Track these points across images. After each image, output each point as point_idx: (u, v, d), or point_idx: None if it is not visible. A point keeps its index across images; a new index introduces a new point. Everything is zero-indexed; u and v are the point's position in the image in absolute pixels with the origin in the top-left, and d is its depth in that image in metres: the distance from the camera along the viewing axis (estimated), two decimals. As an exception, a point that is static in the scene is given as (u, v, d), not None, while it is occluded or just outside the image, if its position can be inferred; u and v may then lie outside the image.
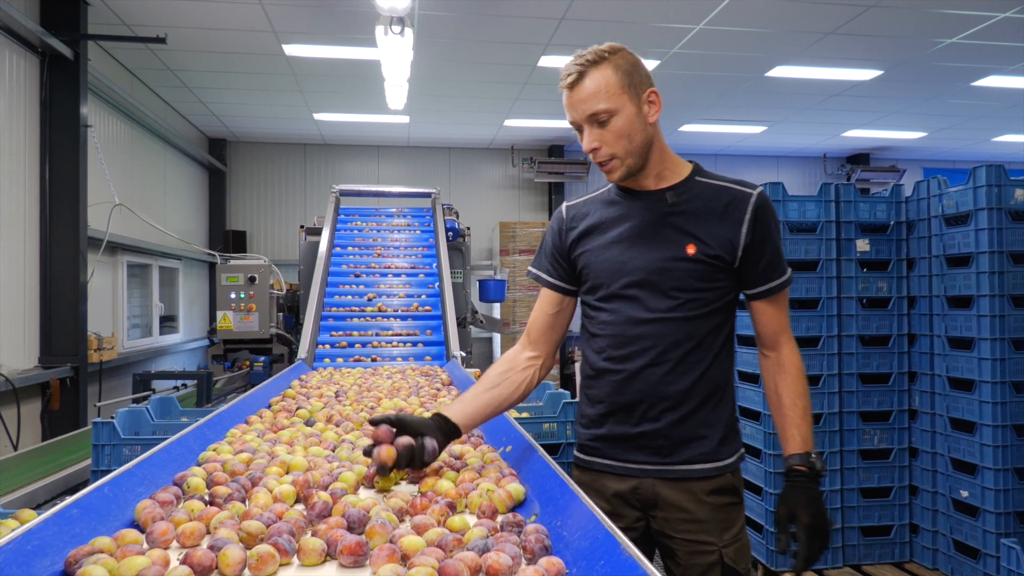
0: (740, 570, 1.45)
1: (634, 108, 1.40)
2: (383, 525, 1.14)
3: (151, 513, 1.20)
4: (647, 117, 1.42)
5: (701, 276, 1.44)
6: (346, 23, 5.30)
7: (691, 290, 1.44)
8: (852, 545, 3.12)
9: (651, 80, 1.44)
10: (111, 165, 5.67)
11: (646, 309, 1.46)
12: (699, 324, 1.45)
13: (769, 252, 1.45)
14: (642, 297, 1.46)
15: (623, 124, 1.39)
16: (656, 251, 1.45)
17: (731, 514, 1.48)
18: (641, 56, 1.47)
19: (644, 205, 1.49)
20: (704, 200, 1.46)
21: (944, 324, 3.00)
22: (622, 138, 1.40)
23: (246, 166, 9.38)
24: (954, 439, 2.95)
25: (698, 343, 1.46)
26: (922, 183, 3.13)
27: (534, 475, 1.48)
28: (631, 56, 1.42)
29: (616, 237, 1.50)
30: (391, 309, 4.29)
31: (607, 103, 1.38)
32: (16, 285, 4.42)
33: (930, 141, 9.54)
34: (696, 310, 1.45)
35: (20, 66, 4.46)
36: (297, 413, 2.17)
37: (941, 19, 5.33)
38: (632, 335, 1.48)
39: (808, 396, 1.48)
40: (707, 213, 1.45)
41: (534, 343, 1.61)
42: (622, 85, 1.38)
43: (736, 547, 1.46)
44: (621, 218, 1.50)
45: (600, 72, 1.38)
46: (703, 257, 1.43)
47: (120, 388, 5.80)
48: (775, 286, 1.47)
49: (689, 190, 1.47)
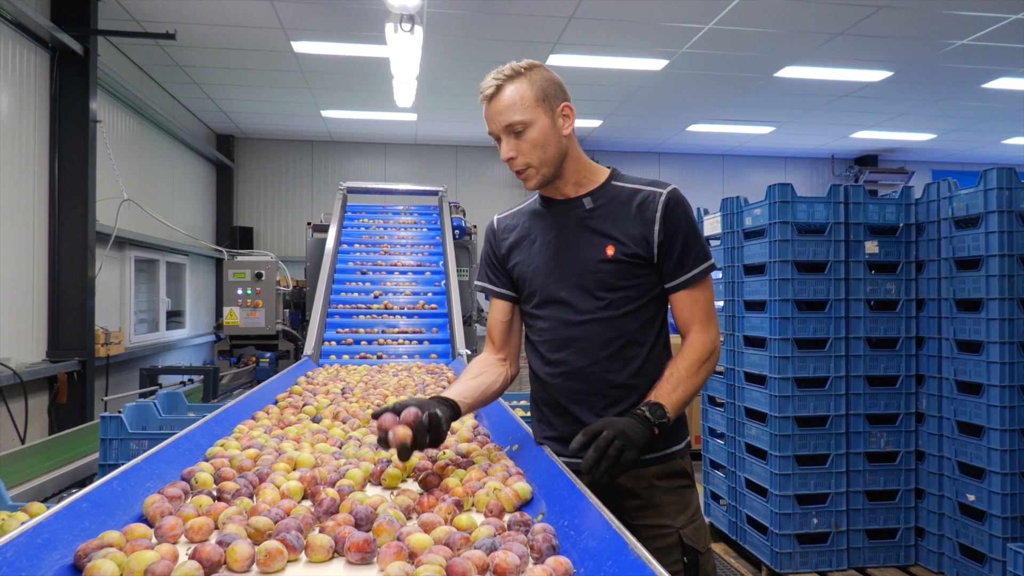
0: (699, 548, 1.51)
1: (548, 120, 1.48)
2: (390, 523, 1.14)
3: (159, 508, 1.21)
4: (561, 129, 1.50)
5: (622, 275, 1.51)
6: (355, 20, 5.30)
7: (615, 289, 1.51)
8: (857, 548, 3.11)
9: (567, 95, 1.52)
10: (119, 160, 5.69)
11: (576, 312, 1.54)
12: (628, 321, 1.52)
13: (679, 247, 1.50)
14: (572, 300, 1.54)
15: (537, 135, 1.48)
16: (579, 255, 1.53)
17: (685, 496, 1.55)
18: (649, 55, 1.50)
19: (565, 212, 1.57)
20: (619, 203, 1.53)
21: (953, 327, 2.98)
22: (536, 148, 1.48)
23: (254, 162, 9.40)
24: (961, 443, 2.94)
25: (630, 339, 1.53)
26: (932, 185, 3.11)
27: (540, 474, 1.48)
28: (547, 73, 1.51)
29: (543, 246, 1.58)
30: (397, 307, 4.29)
31: (522, 115, 1.46)
32: (25, 279, 4.44)
33: (939, 143, 9.49)
34: (622, 307, 1.52)
35: (30, 61, 4.48)
36: (304, 410, 2.17)
37: (952, 20, 5.30)
38: (566, 337, 1.55)
39: (693, 377, 1.46)
40: (622, 215, 1.52)
41: (498, 348, 1.69)
42: (536, 98, 1.47)
43: (693, 527, 1.52)
44: (546, 228, 1.59)
45: (516, 86, 1.47)
46: (622, 257, 1.50)
47: (127, 382, 5.83)
48: (685, 280, 1.51)
49: (605, 194, 1.55)
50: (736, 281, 3.43)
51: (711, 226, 3.67)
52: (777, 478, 3.06)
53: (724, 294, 3.53)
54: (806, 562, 3.07)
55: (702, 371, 1.49)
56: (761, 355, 3.19)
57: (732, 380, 3.48)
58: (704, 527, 1.56)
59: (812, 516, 3.07)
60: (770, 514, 3.10)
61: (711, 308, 1.55)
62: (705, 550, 1.53)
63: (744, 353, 3.35)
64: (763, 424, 3.18)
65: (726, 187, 10.50)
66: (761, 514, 3.19)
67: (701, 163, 10.47)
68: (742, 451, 3.38)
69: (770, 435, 3.10)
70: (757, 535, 3.24)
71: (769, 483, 3.11)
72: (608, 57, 6.12)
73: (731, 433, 3.49)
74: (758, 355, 3.22)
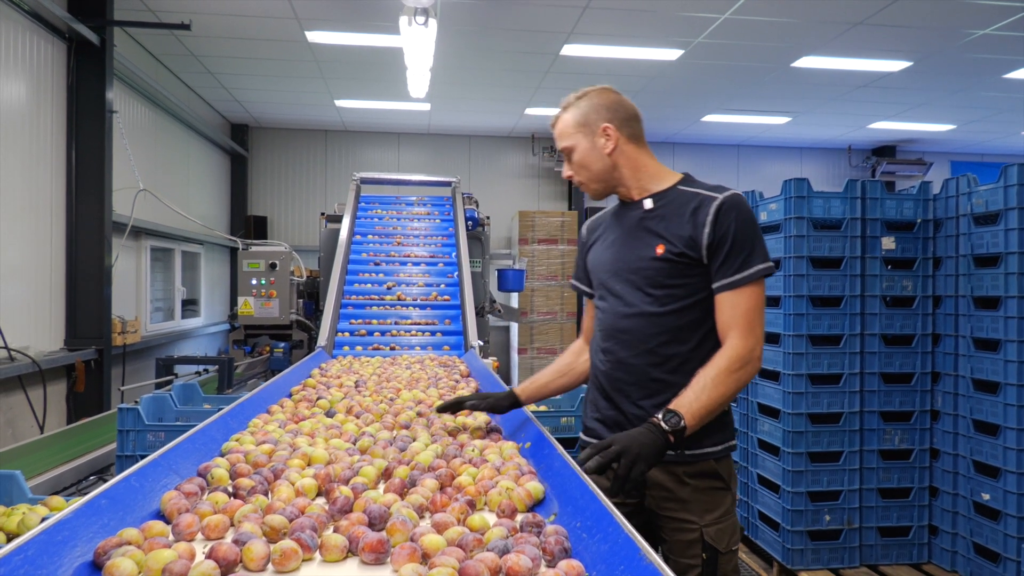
0: (720, 548, 1.55)
1: (587, 143, 1.66)
2: (404, 523, 1.15)
3: (176, 505, 1.22)
4: (602, 149, 1.65)
5: (670, 273, 1.58)
6: (369, 10, 5.29)
7: (662, 286, 1.59)
8: (870, 545, 3.10)
9: (611, 116, 1.65)
10: (135, 150, 5.73)
11: (626, 304, 1.64)
12: (672, 318, 1.59)
13: (727, 249, 1.53)
14: (623, 293, 1.65)
15: (580, 157, 1.67)
16: (632, 251, 1.65)
17: (715, 497, 1.58)
18: (664, 46, 1.51)
19: (628, 213, 1.70)
20: (677, 205, 1.61)
21: (970, 325, 2.95)
22: (581, 168, 1.68)
23: (267, 152, 9.43)
24: (977, 441, 2.91)
25: (673, 336, 1.59)
26: (951, 181, 3.07)
27: (553, 473, 1.48)
28: (596, 98, 1.66)
29: (609, 244, 1.73)
30: (410, 298, 4.30)
31: (567, 141, 1.68)
32: (43, 269, 4.49)
33: (958, 134, 9.36)
34: (668, 305, 1.59)
35: (47, 52, 4.51)
36: (318, 403, 2.19)
37: (973, 10, 5.21)
38: (616, 328, 1.66)
39: (720, 387, 1.48)
40: (677, 217, 1.60)
41: (590, 339, 1.83)
42: (576, 125, 1.66)
43: (718, 528, 1.56)
44: (614, 227, 1.74)
45: (565, 116, 1.69)
46: (670, 255, 1.58)
47: (143, 371, 5.89)
48: (727, 282, 1.54)
49: (666, 197, 1.65)
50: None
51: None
52: (790, 474, 3.05)
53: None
54: (818, 559, 3.07)
55: (731, 380, 1.49)
56: (775, 351, 3.17)
57: (745, 375, 3.47)
58: (732, 529, 1.59)
59: (825, 513, 3.06)
60: (782, 510, 3.10)
61: (753, 316, 1.53)
62: (727, 551, 1.56)
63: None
64: (776, 420, 3.17)
65: (741, 178, 10.42)
66: (773, 510, 3.19)
67: (716, 154, 10.38)
68: (755, 447, 3.37)
69: (783, 431, 3.09)
70: (769, 531, 3.23)
71: (782, 479, 3.10)
72: (623, 47, 6.07)
73: (744, 429, 3.48)
74: (772, 351, 3.20)
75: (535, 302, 8.72)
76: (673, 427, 1.41)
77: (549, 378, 1.86)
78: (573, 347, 1.90)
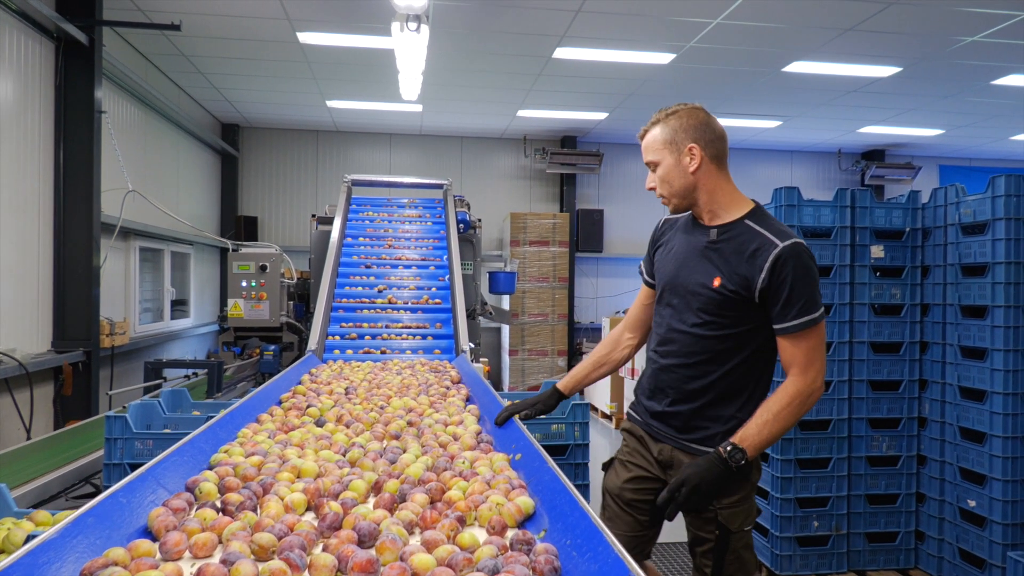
0: (732, 528, 1.74)
1: (673, 160, 1.77)
2: (393, 541, 1.15)
3: (164, 522, 1.21)
4: (687, 167, 1.76)
5: (721, 304, 1.73)
6: (360, 12, 5.27)
7: (712, 313, 1.75)
8: (857, 551, 3.12)
9: (699, 137, 1.75)
10: (124, 150, 5.69)
11: (679, 320, 1.81)
12: (716, 342, 1.75)
13: (784, 297, 1.67)
14: (679, 308, 1.82)
15: (664, 172, 1.79)
16: (693, 275, 1.79)
17: (732, 486, 1.73)
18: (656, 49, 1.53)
19: (697, 235, 1.83)
20: (739, 243, 1.73)
21: (957, 333, 2.97)
22: (664, 182, 1.80)
23: (258, 152, 9.39)
24: (963, 448, 2.94)
25: (713, 356, 1.76)
26: (939, 190, 3.09)
27: (544, 487, 1.49)
28: (686, 118, 1.76)
29: (675, 256, 1.86)
30: (401, 301, 4.29)
31: (653, 155, 1.80)
32: (30, 270, 4.46)
33: (947, 138, 9.43)
34: (714, 331, 1.75)
35: (36, 51, 4.47)
36: (307, 412, 2.18)
37: (962, 17, 5.25)
38: (668, 338, 1.85)
39: (781, 419, 1.65)
40: (737, 254, 1.72)
41: (631, 328, 2.06)
42: (665, 142, 1.77)
43: (732, 511, 1.74)
44: (683, 241, 1.86)
45: (655, 130, 1.80)
46: (724, 290, 1.72)
47: (131, 372, 5.85)
48: (786, 327, 1.68)
49: (731, 230, 1.76)
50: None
51: (716, 227, 3.66)
52: (779, 481, 3.06)
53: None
54: (806, 564, 3.08)
55: (791, 413, 1.66)
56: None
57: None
58: (747, 513, 1.77)
59: (813, 519, 3.08)
60: (771, 516, 3.11)
61: (812, 354, 1.68)
62: (738, 530, 1.75)
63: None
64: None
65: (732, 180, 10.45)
66: (762, 516, 3.20)
67: (707, 156, 10.41)
68: (744, 453, 3.38)
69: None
70: (758, 537, 3.25)
71: (770, 486, 3.12)
72: (615, 51, 6.08)
73: (733, 434, 3.49)
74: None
75: (526, 304, 8.72)
76: (737, 462, 1.62)
77: (588, 370, 2.06)
78: (612, 336, 2.09)
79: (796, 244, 1.67)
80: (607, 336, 2.10)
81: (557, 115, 8.55)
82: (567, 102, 7.95)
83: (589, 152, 9.57)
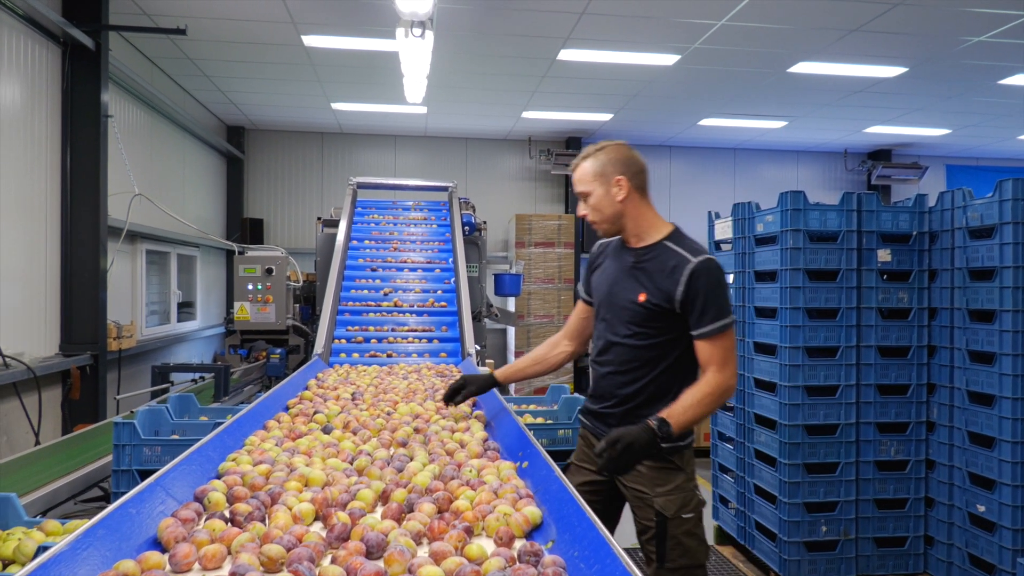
0: (667, 514, 1.93)
1: (603, 190, 1.99)
2: (401, 553, 1.15)
3: (173, 533, 1.22)
4: (615, 197, 1.98)
5: (647, 317, 1.96)
6: (365, 15, 5.28)
7: (640, 325, 1.98)
8: (866, 556, 3.11)
9: (626, 170, 1.98)
10: (131, 153, 5.70)
11: (612, 333, 2.04)
12: (645, 351, 1.99)
13: (699, 307, 1.89)
14: (613, 322, 2.04)
15: (595, 201, 2.00)
16: (623, 292, 2.02)
17: (667, 476, 1.96)
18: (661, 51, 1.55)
19: (625, 256, 2.05)
20: (660, 261, 1.96)
21: (965, 337, 2.96)
22: (595, 210, 2.01)
23: (264, 154, 9.41)
24: (972, 453, 2.92)
25: (643, 363, 1.99)
26: (946, 194, 3.08)
27: (551, 496, 1.49)
28: (613, 152, 1.99)
29: (607, 276, 2.09)
30: (407, 304, 4.29)
31: (585, 187, 2.01)
32: (37, 274, 4.47)
33: (954, 138, 9.39)
34: (642, 340, 1.98)
35: (42, 56, 4.49)
36: (314, 418, 2.18)
37: (969, 17, 5.23)
38: (604, 348, 2.07)
39: (702, 405, 1.86)
40: (659, 272, 1.95)
41: (568, 336, 2.28)
42: (595, 174, 1.99)
43: (667, 498, 1.95)
44: (613, 262, 2.09)
45: (584, 164, 2.01)
46: (649, 304, 1.95)
47: (138, 376, 5.87)
48: (702, 332, 1.90)
49: (654, 251, 1.99)
50: (747, 287, 3.41)
51: (721, 231, 3.65)
52: (786, 485, 3.05)
53: (735, 299, 3.52)
54: (815, 569, 3.07)
55: (709, 403, 1.88)
56: (771, 362, 3.18)
57: (742, 385, 3.47)
58: (683, 502, 1.95)
59: (821, 524, 3.07)
60: (779, 521, 3.10)
61: (726, 355, 1.90)
62: (675, 517, 1.93)
63: (754, 360, 3.34)
64: (773, 431, 3.18)
65: (737, 181, 10.44)
66: (770, 520, 3.19)
67: (712, 157, 10.40)
68: (751, 457, 3.37)
69: (779, 442, 3.10)
70: (766, 541, 3.24)
71: (778, 490, 3.11)
72: (619, 52, 6.07)
73: (740, 438, 3.48)
74: (768, 362, 3.21)
75: (532, 305, 8.72)
76: (664, 433, 1.80)
77: (526, 365, 2.29)
78: (552, 340, 2.31)
79: (708, 260, 1.91)
80: (548, 340, 2.32)
81: (562, 116, 8.54)
82: (572, 103, 7.94)
83: (594, 153, 9.56)
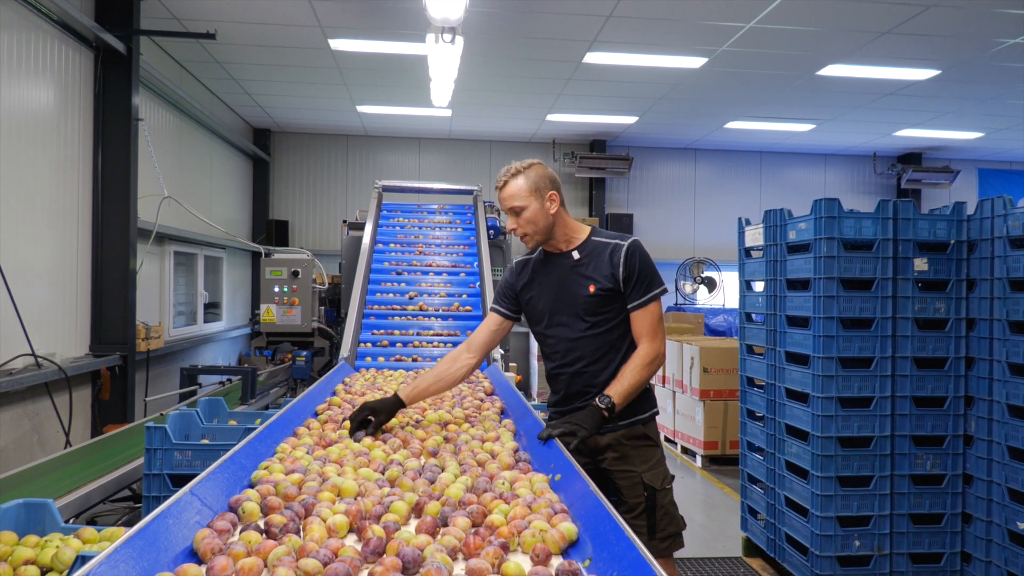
0: (656, 486, 2.14)
1: (538, 204, 2.16)
2: (439, 570, 1.13)
3: (210, 544, 1.21)
4: (548, 210, 2.17)
5: (601, 304, 2.16)
6: (391, 19, 5.29)
7: (596, 314, 2.17)
8: (901, 572, 3.04)
9: (554, 185, 2.19)
10: (160, 156, 5.77)
11: (572, 330, 2.21)
12: (607, 336, 2.18)
13: (635, 279, 2.14)
14: (568, 323, 2.21)
15: (531, 215, 2.16)
16: (570, 291, 2.20)
17: (646, 452, 2.19)
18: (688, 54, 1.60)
19: (560, 261, 2.24)
20: (597, 253, 2.19)
21: (1005, 349, 2.88)
22: (530, 223, 2.17)
23: (289, 156, 9.48)
24: (1012, 468, 2.85)
25: (610, 347, 2.19)
26: (986, 202, 3.00)
27: (585, 512, 1.46)
28: (541, 169, 2.19)
29: (547, 285, 2.25)
30: (432, 308, 4.29)
31: (519, 202, 2.16)
32: (69, 275, 4.54)
33: (987, 141, 9.21)
34: (603, 327, 2.18)
35: (75, 60, 4.55)
36: (344, 425, 2.18)
37: (1003, 19, 5.13)
38: (569, 348, 2.22)
39: (639, 374, 2.09)
40: (600, 262, 2.17)
41: (472, 349, 2.33)
42: (530, 190, 2.15)
43: (652, 472, 2.16)
44: (549, 272, 2.26)
45: (517, 181, 2.17)
46: (600, 292, 2.16)
47: (166, 376, 5.93)
48: (638, 303, 2.15)
49: (587, 247, 2.22)
50: (778, 295, 3.36)
51: (752, 237, 3.59)
52: (819, 499, 3.00)
53: (765, 307, 3.46)
54: (846, 584, 3.01)
55: (645, 370, 2.12)
56: (804, 372, 3.12)
57: (772, 395, 3.41)
58: (664, 474, 2.19)
59: (855, 538, 3.00)
60: (811, 535, 3.04)
61: (657, 324, 2.17)
62: (661, 488, 2.15)
63: (785, 369, 3.28)
64: (805, 443, 3.12)
65: (764, 184, 10.33)
66: (801, 534, 3.14)
67: (738, 160, 10.30)
68: (782, 468, 3.32)
69: (812, 454, 3.04)
70: (797, 555, 3.18)
71: (810, 503, 3.05)
72: (645, 55, 6.03)
73: (770, 449, 3.43)
74: (800, 372, 3.15)
75: (554, 309, 8.68)
76: (607, 406, 2.04)
77: (428, 383, 2.27)
78: (452, 354, 2.33)
79: (635, 241, 2.17)
80: (448, 354, 2.35)
81: (586, 119, 8.51)
82: (597, 106, 7.91)
83: (619, 156, 9.52)
